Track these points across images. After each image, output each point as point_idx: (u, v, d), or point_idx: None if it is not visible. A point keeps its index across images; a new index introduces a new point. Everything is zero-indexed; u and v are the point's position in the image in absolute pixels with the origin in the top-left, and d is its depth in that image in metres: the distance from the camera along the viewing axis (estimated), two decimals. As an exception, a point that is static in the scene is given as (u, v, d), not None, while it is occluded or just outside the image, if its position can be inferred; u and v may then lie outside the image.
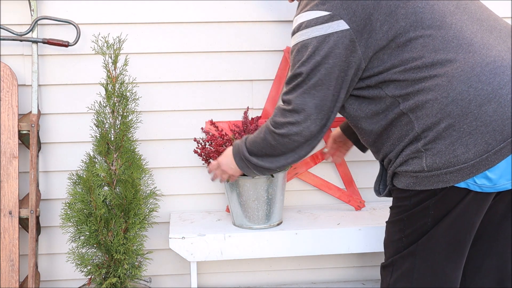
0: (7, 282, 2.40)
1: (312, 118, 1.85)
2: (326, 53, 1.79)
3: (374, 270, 2.79)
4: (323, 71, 1.80)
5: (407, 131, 1.78)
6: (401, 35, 1.76)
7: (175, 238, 2.35)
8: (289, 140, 1.89)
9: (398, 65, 1.76)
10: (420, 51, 1.75)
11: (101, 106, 2.31)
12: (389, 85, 1.79)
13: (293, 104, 1.85)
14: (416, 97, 1.74)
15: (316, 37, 1.81)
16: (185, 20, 2.52)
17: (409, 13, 1.77)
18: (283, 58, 2.56)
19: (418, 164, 1.76)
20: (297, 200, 2.70)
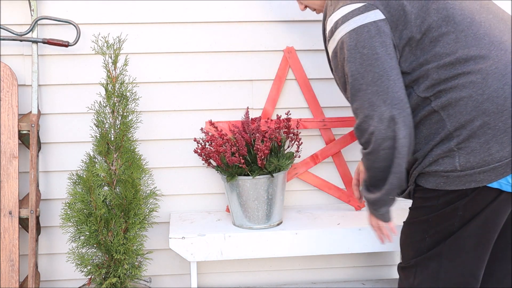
0: (7, 282, 2.40)
1: (386, 118, 1.74)
2: (371, 44, 1.75)
3: (374, 270, 2.80)
4: (375, 62, 1.75)
5: (437, 130, 1.76)
6: (434, 29, 1.75)
7: (175, 238, 2.35)
8: (385, 152, 1.76)
9: (431, 61, 1.74)
10: (453, 46, 1.74)
11: (101, 106, 2.31)
12: (420, 84, 1.77)
13: (363, 112, 1.76)
14: (449, 94, 1.72)
15: (354, 29, 1.77)
16: (185, 20, 2.52)
17: (441, 8, 1.77)
18: (283, 58, 2.56)
19: (450, 163, 1.74)
20: (297, 200, 2.70)
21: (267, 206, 2.38)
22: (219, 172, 2.38)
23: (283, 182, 2.41)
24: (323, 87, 2.60)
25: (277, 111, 2.57)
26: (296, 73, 2.58)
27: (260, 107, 2.60)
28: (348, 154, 2.64)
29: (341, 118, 2.58)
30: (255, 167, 2.33)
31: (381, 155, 1.77)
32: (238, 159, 2.28)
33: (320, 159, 2.62)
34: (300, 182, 2.67)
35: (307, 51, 2.58)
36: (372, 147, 1.77)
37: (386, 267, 2.79)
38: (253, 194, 2.35)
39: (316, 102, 2.60)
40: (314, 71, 2.59)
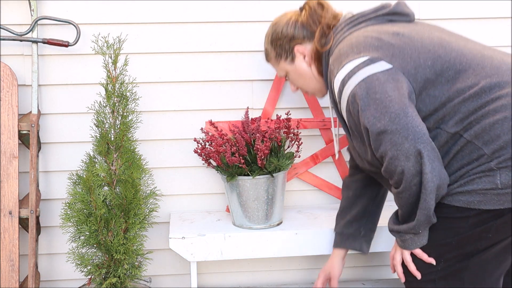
0: (7, 282, 2.40)
1: (412, 154, 1.69)
2: (381, 89, 1.72)
3: (374, 270, 2.79)
4: (389, 103, 1.71)
5: (471, 156, 1.73)
6: (448, 69, 1.76)
7: (175, 238, 2.35)
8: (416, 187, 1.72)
9: (455, 97, 1.73)
10: (474, 78, 1.74)
11: (101, 106, 2.31)
12: (448, 121, 1.75)
13: (387, 154, 1.72)
14: (481, 122, 1.71)
15: (363, 79, 1.74)
16: (185, 20, 2.52)
17: (448, 50, 1.78)
18: (283, 58, 2.56)
19: (489, 181, 1.69)
20: (297, 200, 2.70)
21: (267, 206, 2.38)
22: (219, 172, 2.38)
23: (283, 182, 2.41)
24: (323, 87, 2.60)
25: (277, 111, 2.57)
26: (296, 73, 2.57)
27: (260, 107, 2.60)
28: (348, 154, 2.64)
29: (341, 118, 2.58)
30: (255, 167, 2.33)
31: (413, 191, 1.73)
32: (238, 159, 2.28)
33: (320, 159, 2.62)
34: (300, 182, 2.67)
35: (307, 51, 2.58)
36: (404, 186, 1.73)
37: (386, 267, 2.79)
38: (253, 194, 2.35)
39: (316, 102, 2.60)
40: (314, 71, 2.59)
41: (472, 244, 1.75)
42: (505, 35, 2.64)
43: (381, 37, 1.82)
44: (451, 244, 1.77)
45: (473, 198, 1.71)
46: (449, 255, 1.78)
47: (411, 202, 1.76)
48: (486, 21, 2.64)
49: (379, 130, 1.71)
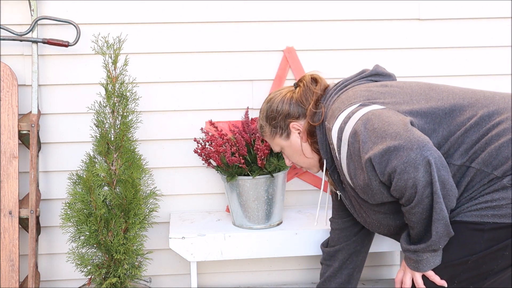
0: (7, 282, 2.40)
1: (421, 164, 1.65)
2: (379, 119, 1.72)
3: (374, 270, 2.79)
4: (388, 126, 1.70)
5: (482, 182, 1.72)
6: (444, 106, 1.79)
7: (175, 238, 2.35)
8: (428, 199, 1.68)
9: (456, 130, 1.75)
10: (471, 110, 1.76)
11: (101, 106, 2.31)
12: (453, 153, 1.74)
13: (395, 171, 1.67)
14: (487, 149, 1.71)
15: (360, 118, 1.76)
16: (185, 20, 2.52)
17: (439, 91, 1.84)
18: (283, 58, 2.56)
19: (502, 196, 1.67)
20: (297, 200, 2.70)
21: (267, 206, 2.38)
22: (219, 172, 2.38)
23: (283, 182, 2.41)
24: (323, 87, 2.60)
25: (277, 111, 2.57)
26: (296, 73, 2.58)
27: (260, 107, 2.59)
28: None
29: (341, 118, 2.58)
30: (255, 167, 2.33)
31: (426, 204, 1.68)
32: (238, 159, 2.28)
33: (320, 159, 2.62)
34: (300, 182, 2.67)
35: (307, 51, 2.58)
36: (417, 199, 1.67)
37: (386, 267, 2.79)
38: (253, 194, 2.35)
39: (316, 102, 2.60)
40: (314, 71, 2.59)
41: (488, 264, 1.70)
42: (505, 35, 2.64)
43: (370, 89, 1.89)
44: (467, 263, 1.72)
45: (487, 212, 1.68)
46: (463, 275, 1.73)
47: (424, 218, 1.70)
48: (486, 21, 2.64)
49: (382, 151, 1.67)
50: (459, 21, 2.62)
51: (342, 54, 2.59)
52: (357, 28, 2.58)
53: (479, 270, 1.71)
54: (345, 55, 2.59)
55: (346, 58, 2.59)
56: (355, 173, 1.79)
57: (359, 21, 2.57)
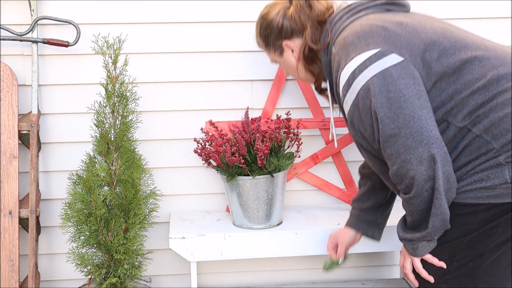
0: (7, 282, 2.40)
1: (426, 159, 1.67)
2: (395, 87, 1.68)
3: (374, 270, 2.79)
4: (403, 103, 1.68)
5: (480, 151, 1.71)
6: (454, 60, 1.72)
7: (175, 238, 2.35)
8: (428, 193, 1.70)
9: (463, 89, 1.71)
10: (480, 70, 1.71)
11: (101, 106, 2.31)
12: (457, 114, 1.72)
13: (399, 157, 1.69)
14: (490, 116, 1.69)
15: (376, 74, 1.70)
16: (185, 20, 2.52)
17: (453, 41, 1.75)
18: (283, 58, 2.56)
19: (498, 177, 1.68)
20: (297, 200, 2.70)
21: (267, 206, 2.38)
22: (219, 172, 2.38)
23: (283, 182, 2.41)
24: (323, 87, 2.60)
25: (277, 111, 2.57)
26: (296, 73, 2.58)
27: (260, 107, 2.60)
28: (348, 154, 2.64)
29: (341, 118, 2.58)
30: (255, 167, 2.33)
31: (425, 197, 1.70)
32: (238, 159, 2.28)
33: (320, 159, 2.62)
34: (300, 182, 2.67)
35: (307, 51, 2.58)
36: (415, 191, 1.70)
37: (386, 267, 2.80)
38: (253, 194, 2.35)
39: (316, 102, 2.60)
40: (314, 71, 2.59)
41: (483, 242, 1.73)
42: (505, 35, 2.64)
43: (387, 26, 1.78)
44: (463, 243, 1.74)
45: (482, 194, 1.70)
46: (461, 254, 1.76)
47: (422, 209, 1.72)
48: (486, 21, 2.64)
49: (392, 132, 1.68)
50: (459, 21, 2.61)
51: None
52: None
53: (475, 248, 1.74)
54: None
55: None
56: (358, 122, 1.79)
57: (359, 21, 2.58)
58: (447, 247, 1.78)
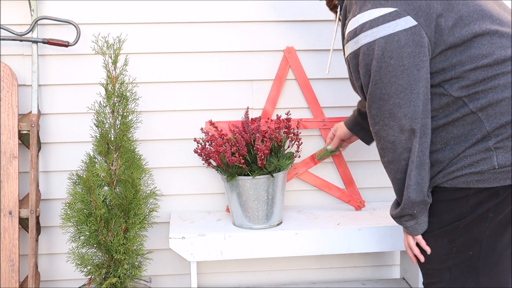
0: (7, 282, 2.40)
1: (407, 130, 1.73)
2: (398, 54, 1.70)
3: (374, 270, 2.79)
4: (400, 74, 1.71)
5: (471, 130, 1.73)
6: (467, 31, 1.71)
7: (175, 238, 2.35)
8: (405, 162, 1.77)
9: (466, 62, 1.71)
10: (489, 47, 1.71)
11: (101, 106, 2.31)
12: (453, 84, 1.73)
13: (382, 120, 1.75)
14: (489, 95, 1.70)
15: (384, 36, 1.70)
16: (185, 20, 2.52)
17: (471, 11, 1.73)
18: (283, 58, 2.56)
19: (487, 163, 1.71)
20: (297, 200, 2.70)
21: (267, 206, 2.38)
22: (219, 172, 2.38)
23: (283, 182, 2.41)
24: (323, 87, 2.60)
25: (277, 111, 2.57)
26: (296, 73, 2.58)
27: (260, 107, 2.60)
28: (348, 154, 2.64)
29: (341, 118, 2.58)
30: (255, 167, 2.33)
31: (402, 166, 1.77)
32: (238, 159, 2.28)
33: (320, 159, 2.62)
34: (300, 182, 2.67)
35: (307, 51, 2.58)
36: (393, 156, 1.77)
37: (386, 267, 2.80)
38: (253, 194, 2.35)
39: (316, 102, 2.60)
40: (314, 71, 2.59)
41: (478, 226, 1.75)
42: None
43: None
44: (459, 227, 1.77)
45: (471, 178, 1.73)
46: (459, 240, 1.78)
47: (399, 178, 1.79)
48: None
49: (382, 97, 1.73)
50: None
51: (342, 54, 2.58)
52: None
53: (472, 234, 1.77)
54: (345, 55, 2.59)
55: (346, 58, 2.59)
56: (353, 68, 1.83)
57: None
58: (444, 232, 1.81)
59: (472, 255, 1.78)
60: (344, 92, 2.60)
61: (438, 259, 1.83)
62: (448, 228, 1.79)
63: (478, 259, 1.77)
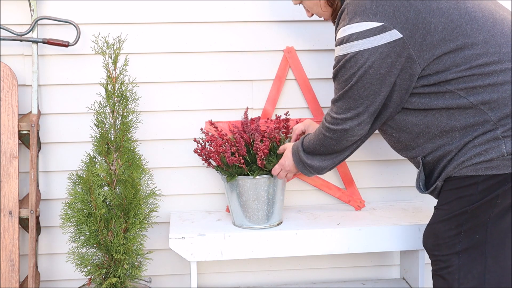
0: (7, 282, 2.40)
1: (363, 120, 1.92)
2: (378, 64, 1.81)
3: (374, 270, 2.79)
4: (375, 81, 1.83)
5: (476, 121, 1.78)
6: (458, 35, 1.77)
7: (175, 238, 2.35)
8: (341, 137, 1.98)
9: (461, 63, 1.77)
10: (483, 47, 1.76)
11: (101, 106, 2.31)
12: (451, 82, 1.79)
13: (345, 113, 1.94)
14: (489, 90, 1.75)
15: (368, 49, 1.81)
16: (185, 20, 2.52)
17: (462, 13, 1.78)
18: (283, 58, 2.56)
19: (496, 151, 1.76)
20: (297, 200, 2.70)
21: (267, 206, 2.38)
22: (219, 172, 2.38)
23: (283, 182, 2.41)
24: (323, 87, 2.60)
25: (277, 111, 2.57)
26: (296, 73, 2.58)
27: (260, 107, 2.60)
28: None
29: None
30: (254, 167, 2.33)
31: (340, 146, 2.02)
32: (238, 159, 2.28)
33: (320, 159, 2.62)
34: (300, 182, 2.67)
35: (307, 51, 2.58)
36: (338, 137, 1.98)
37: (386, 267, 2.79)
38: (253, 194, 2.35)
39: (316, 102, 2.60)
40: (314, 71, 2.59)
41: (485, 212, 1.80)
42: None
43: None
44: (467, 212, 1.82)
45: (481, 166, 1.78)
46: (466, 225, 1.82)
47: (332, 149, 2.06)
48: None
49: (353, 96, 1.89)
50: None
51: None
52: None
53: (478, 219, 1.81)
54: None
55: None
56: (334, 70, 1.96)
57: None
58: (453, 217, 1.85)
59: (479, 239, 1.82)
60: (344, 92, 2.60)
61: (447, 244, 1.87)
62: (456, 213, 1.84)
63: (485, 242, 1.82)
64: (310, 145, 2.10)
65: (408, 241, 2.42)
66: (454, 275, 1.86)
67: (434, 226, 1.91)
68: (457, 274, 1.85)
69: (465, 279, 1.84)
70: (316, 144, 2.07)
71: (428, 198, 2.58)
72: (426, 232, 1.96)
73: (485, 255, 1.82)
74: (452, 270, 1.86)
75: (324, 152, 2.07)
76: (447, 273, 1.88)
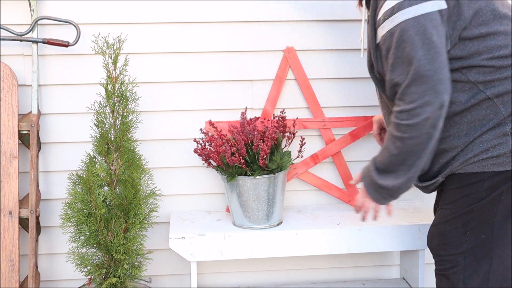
0: (7, 282, 2.40)
1: (444, 101, 1.75)
2: (437, 32, 1.74)
3: (374, 270, 2.79)
4: (441, 51, 1.74)
5: (487, 115, 1.78)
6: (483, 22, 1.78)
7: (175, 238, 2.35)
8: (425, 138, 1.77)
9: (484, 52, 1.78)
10: (504, 39, 1.78)
11: (101, 106, 2.31)
12: (471, 70, 1.79)
13: (422, 98, 1.74)
14: (505, 84, 1.76)
15: (423, 14, 1.74)
16: (185, 20, 2.52)
17: (488, 3, 1.80)
18: (283, 58, 2.56)
19: (504, 148, 1.77)
20: (297, 200, 2.70)
21: (267, 206, 2.38)
22: (219, 172, 2.38)
23: (283, 182, 2.41)
24: (323, 87, 2.60)
25: (277, 111, 2.57)
26: (296, 73, 2.58)
27: (260, 107, 2.60)
28: (348, 154, 2.64)
29: (341, 118, 2.59)
30: (255, 167, 2.33)
31: (422, 140, 1.76)
32: (238, 159, 2.28)
33: (320, 159, 2.62)
34: (300, 182, 2.67)
35: (307, 51, 2.58)
36: (418, 132, 1.74)
37: (386, 267, 2.80)
38: (253, 194, 2.35)
39: (316, 102, 2.60)
40: (314, 71, 2.59)
41: (490, 210, 1.80)
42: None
43: None
44: (473, 211, 1.81)
45: (487, 162, 1.78)
46: (472, 223, 1.82)
47: (413, 150, 1.79)
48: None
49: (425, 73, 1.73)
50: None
51: (342, 54, 2.59)
52: (357, 28, 2.58)
53: (484, 217, 1.81)
54: (345, 55, 2.59)
55: (346, 58, 2.59)
56: (385, 51, 1.82)
57: (359, 22, 2.57)
58: (459, 216, 1.84)
59: (485, 239, 1.82)
60: (344, 92, 2.60)
61: (453, 244, 1.87)
62: (462, 212, 1.84)
63: (490, 242, 1.82)
64: (384, 160, 1.85)
65: (408, 241, 2.42)
66: (459, 275, 1.86)
67: (440, 226, 1.90)
68: (462, 274, 1.86)
69: (470, 279, 1.85)
70: (392, 156, 1.82)
71: (428, 198, 2.58)
72: (431, 232, 1.95)
73: (490, 255, 1.82)
74: (457, 270, 1.87)
75: (402, 163, 1.82)
76: (452, 273, 1.88)
